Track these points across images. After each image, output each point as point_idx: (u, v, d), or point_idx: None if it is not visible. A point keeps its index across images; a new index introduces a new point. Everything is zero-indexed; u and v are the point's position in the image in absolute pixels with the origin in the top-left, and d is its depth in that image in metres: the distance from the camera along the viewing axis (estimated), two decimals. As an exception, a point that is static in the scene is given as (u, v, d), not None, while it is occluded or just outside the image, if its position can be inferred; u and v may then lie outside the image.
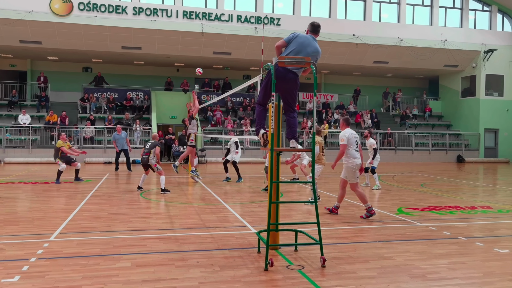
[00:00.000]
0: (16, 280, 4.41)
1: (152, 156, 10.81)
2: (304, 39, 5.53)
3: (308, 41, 5.53)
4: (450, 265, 5.15)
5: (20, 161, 20.07)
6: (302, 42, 5.49)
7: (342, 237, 6.44)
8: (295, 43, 5.48)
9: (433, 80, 31.74)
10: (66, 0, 20.84)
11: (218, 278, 4.55)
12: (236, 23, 22.85)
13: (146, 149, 10.93)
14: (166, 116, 25.13)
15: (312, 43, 5.55)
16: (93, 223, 7.17)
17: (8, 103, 23.31)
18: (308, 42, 5.52)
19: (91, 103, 24.09)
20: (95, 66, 26.84)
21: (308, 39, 5.56)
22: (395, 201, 10.01)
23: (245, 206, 9.09)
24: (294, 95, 5.58)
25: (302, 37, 5.53)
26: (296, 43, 5.48)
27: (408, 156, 25.73)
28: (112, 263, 5.02)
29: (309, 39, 5.56)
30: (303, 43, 5.49)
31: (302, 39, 5.51)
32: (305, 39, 5.53)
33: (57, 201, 9.50)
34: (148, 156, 10.78)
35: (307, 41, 5.52)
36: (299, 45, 5.46)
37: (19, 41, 21.57)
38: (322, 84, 30.42)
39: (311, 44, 5.54)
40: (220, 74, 28.41)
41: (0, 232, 6.45)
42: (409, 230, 6.98)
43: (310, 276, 4.65)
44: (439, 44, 25.57)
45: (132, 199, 9.88)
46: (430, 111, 29.51)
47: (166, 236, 6.31)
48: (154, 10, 21.89)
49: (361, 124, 26.77)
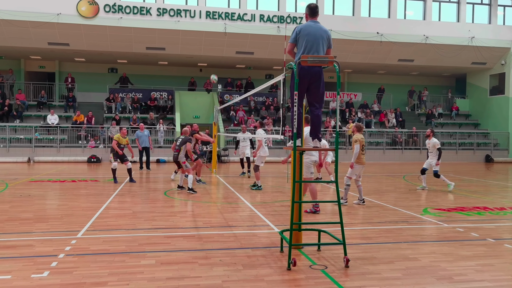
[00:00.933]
0: (45, 276, 4.54)
1: (183, 152, 10.74)
2: (309, 29, 5.41)
3: (313, 29, 5.41)
4: (477, 267, 5.03)
5: (48, 160, 20.61)
6: (308, 32, 5.38)
7: (366, 238, 6.37)
8: (303, 38, 5.38)
9: (460, 78, 31.00)
10: (92, 2, 21.30)
11: (241, 277, 4.57)
12: (259, 22, 22.86)
13: (177, 146, 10.87)
14: (189, 116, 25.36)
15: (318, 29, 5.44)
16: (119, 221, 7.31)
17: (37, 103, 23.99)
18: (314, 30, 5.41)
19: (116, 103, 24.54)
20: (120, 67, 27.33)
21: (312, 27, 5.44)
22: (421, 201, 9.84)
23: (268, 205, 9.09)
24: (320, 90, 5.46)
25: (306, 28, 5.42)
26: (304, 37, 5.38)
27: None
28: (137, 260, 5.10)
29: (313, 27, 5.44)
30: (310, 33, 5.37)
31: (307, 30, 5.40)
32: (310, 28, 5.41)
33: (84, 199, 9.72)
34: (178, 153, 10.76)
35: (313, 30, 5.41)
36: (308, 36, 5.36)
37: (47, 43, 22.16)
38: (346, 83, 30.12)
39: (318, 30, 5.42)
40: (242, 73, 28.48)
41: (30, 229, 6.66)
42: (435, 231, 6.85)
43: (334, 276, 4.62)
44: (466, 41, 24.94)
45: (156, 197, 10.02)
46: (457, 110, 28.84)
47: (190, 235, 6.37)
48: (178, 10, 22.13)
49: (385, 124, 26.39)
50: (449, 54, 25.29)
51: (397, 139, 25.10)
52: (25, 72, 26.35)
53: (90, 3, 21.27)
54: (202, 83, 26.50)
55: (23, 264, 4.90)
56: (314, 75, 5.31)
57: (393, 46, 24.44)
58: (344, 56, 24.15)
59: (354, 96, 28.47)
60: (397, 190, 11.79)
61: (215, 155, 16.68)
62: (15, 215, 7.68)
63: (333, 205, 9.00)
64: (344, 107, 26.86)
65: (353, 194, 10.37)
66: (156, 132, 22.51)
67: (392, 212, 8.40)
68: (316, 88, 5.41)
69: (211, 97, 25.67)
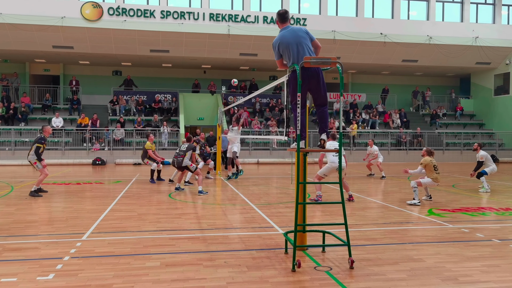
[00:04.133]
0: (50, 278, 4.56)
1: (188, 157, 10.95)
2: (286, 38, 5.41)
3: (290, 35, 5.41)
4: (483, 268, 5.00)
5: (53, 162, 20.69)
6: (287, 41, 5.39)
7: (370, 239, 6.35)
8: (285, 48, 5.40)
9: (465, 78, 30.89)
10: (96, 6, 21.40)
11: (246, 279, 4.57)
12: (262, 24, 22.90)
13: (181, 151, 11.04)
14: (193, 118, 25.43)
15: (293, 32, 5.42)
16: (124, 223, 7.33)
17: (42, 106, 24.13)
18: (290, 36, 5.40)
19: (120, 105, 24.63)
20: (124, 69, 27.45)
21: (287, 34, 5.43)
22: (425, 202, 9.80)
23: (272, 207, 9.09)
24: (321, 89, 5.45)
25: (283, 39, 5.43)
26: (285, 48, 5.40)
27: (438, 156, 25.05)
28: (142, 262, 5.12)
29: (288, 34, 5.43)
30: (289, 41, 5.37)
31: (285, 40, 5.41)
32: (286, 37, 5.41)
33: (89, 201, 9.76)
34: (183, 159, 10.89)
35: (290, 36, 5.40)
36: (288, 45, 5.37)
37: (52, 46, 22.29)
38: (350, 84, 30.08)
39: (293, 34, 5.40)
40: (246, 75, 28.52)
41: (36, 231, 6.69)
42: (440, 232, 6.82)
43: (338, 278, 4.61)
44: (470, 41, 24.87)
45: (161, 199, 10.04)
46: (462, 110, 28.72)
47: (195, 236, 6.38)
48: (181, 13, 22.20)
49: (390, 124, 26.33)
50: (453, 54, 25.22)
51: (402, 139, 25.03)
52: (30, 76, 26.52)
53: (94, 6, 21.38)
54: (206, 85, 26.55)
55: (28, 266, 4.92)
56: (311, 76, 5.33)
57: (396, 47, 24.40)
58: (347, 57, 24.13)
59: (358, 97, 28.43)
60: (402, 191, 11.75)
61: (219, 157, 16.70)
62: (21, 218, 7.71)
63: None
64: (348, 108, 26.82)
65: (357, 195, 10.31)
66: (161, 134, 22.57)
67: (397, 213, 8.38)
68: (317, 88, 5.42)
69: (215, 99, 25.71)
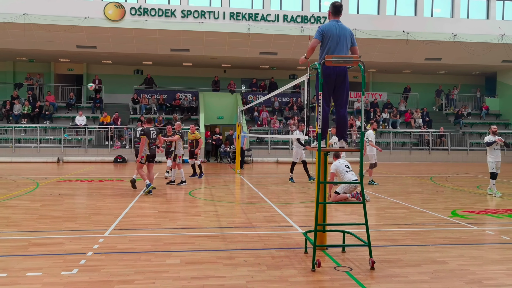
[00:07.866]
0: (74, 273, 4.65)
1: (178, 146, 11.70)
2: (333, 30, 5.42)
3: (337, 30, 5.42)
4: (508, 271, 4.88)
5: (76, 160, 21.12)
6: (332, 34, 5.40)
7: (391, 239, 6.27)
8: (327, 39, 5.40)
9: (490, 77, 30.13)
10: (119, 6, 21.71)
11: (265, 277, 4.57)
12: (282, 23, 22.82)
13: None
14: (213, 117, 25.54)
15: (341, 29, 5.45)
16: (144, 221, 7.42)
17: (66, 105, 24.64)
18: (337, 30, 5.42)
19: (141, 104, 24.94)
20: (145, 68, 27.77)
21: (336, 27, 5.44)
22: (449, 203, 9.61)
23: (291, 206, 9.06)
24: (345, 90, 5.43)
25: (330, 29, 5.43)
26: (327, 38, 5.40)
27: (463, 156, 24.60)
28: (162, 259, 5.17)
29: (336, 27, 5.45)
30: (333, 34, 5.39)
31: (331, 31, 5.41)
32: (333, 30, 5.42)
33: (111, 198, 9.91)
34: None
35: (337, 30, 5.42)
36: (332, 37, 5.38)
37: (76, 46, 22.72)
38: (370, 83, 29.72)
39: (341, 31, 5.43)
40: (266, 74, 28.49)
41: (60, 227, 6.83)
42: (464, 234, 6.68)
43: (359, 278, 4.57)
44: (496, 39, 24.23)
45: (181, 197, 10.13)
46: (487, 109, 28.04)
47: (214, 235, 6.41)
48: (202, 12, 22.31)
49: (412, 124, 25.92)
50: (478, 52, 24.61)
51: (424, 139, 24.60)
52: (55, 75, 27.10)
53: (116, 6, 21.69)
54: (226, 84, 26.64)
55: (53, 261, 5.04)
56: (339, 74, 5.29)
57: (419, 45, 23.97)
58: (369, 55, 23.84)
59: (379, 96, 28.07)
60: (424, 192, 11.56)
61: (238, 156, 16.74)
62: (46, 214, 7.90)
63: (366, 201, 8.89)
64: (369, 107, 26.52)
65: (369, 192, 10.20)
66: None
67: (419, 214, 8.24)
68: (341, 88, 5.39)
69: (235, 98, 25.78)
